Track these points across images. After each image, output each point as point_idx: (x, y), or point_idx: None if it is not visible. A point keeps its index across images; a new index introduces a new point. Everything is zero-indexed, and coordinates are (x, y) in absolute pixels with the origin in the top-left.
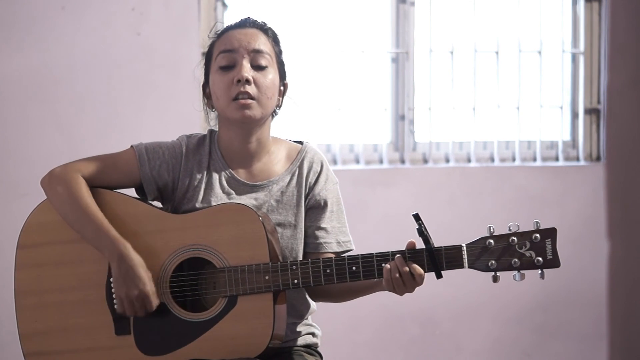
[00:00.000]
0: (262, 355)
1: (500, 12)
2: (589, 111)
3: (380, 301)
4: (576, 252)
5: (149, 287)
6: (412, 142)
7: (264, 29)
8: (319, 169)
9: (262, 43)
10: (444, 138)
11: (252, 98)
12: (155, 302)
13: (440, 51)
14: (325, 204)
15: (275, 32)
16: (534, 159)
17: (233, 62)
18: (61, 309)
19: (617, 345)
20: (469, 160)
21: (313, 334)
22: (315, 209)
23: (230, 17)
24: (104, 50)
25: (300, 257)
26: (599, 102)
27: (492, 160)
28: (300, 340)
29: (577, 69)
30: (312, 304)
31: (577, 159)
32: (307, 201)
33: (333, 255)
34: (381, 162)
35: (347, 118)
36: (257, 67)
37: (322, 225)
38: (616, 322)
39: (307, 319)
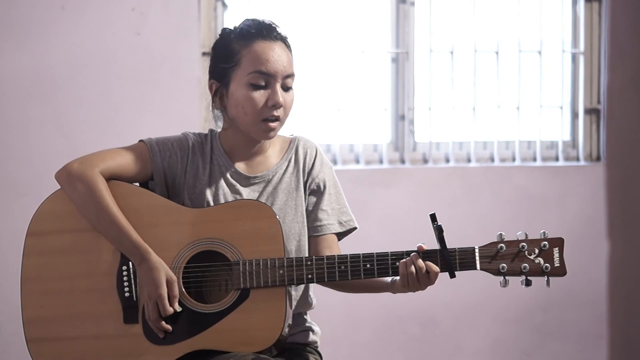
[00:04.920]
0: (264, 352)
1: (500, 12)
2: (589, 111)
3: (380, 301)
4: (576, 252)
5: (162, 290)
6: (412, 142)
7: (286, 42)
8: (314, 154)
9: (292, 65)
10: (444, 138)
11: (278, 119)
12: (168, 305)
13: (440, 51)
14: (325, 186)
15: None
16: (534, 159)
17: (266, 83)
18: (69, 296)
19: (617, 345)
20: (469, 160)
21: (313, 331)
22: (314, 193)
23: (230, 17)
24: (104, 50)
25: (305, 240)
26: (599, 102)
27: (492, 160)
28: (299, 337)
29: (577, 69)
30: (312, 301)
31: (577, 159)
32: (306, 187)
33: (335, 237)
34: (381, 162)
35: (347, 118)
36: (286, 88)
37: (323, 207)
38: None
39: (306, 315)
